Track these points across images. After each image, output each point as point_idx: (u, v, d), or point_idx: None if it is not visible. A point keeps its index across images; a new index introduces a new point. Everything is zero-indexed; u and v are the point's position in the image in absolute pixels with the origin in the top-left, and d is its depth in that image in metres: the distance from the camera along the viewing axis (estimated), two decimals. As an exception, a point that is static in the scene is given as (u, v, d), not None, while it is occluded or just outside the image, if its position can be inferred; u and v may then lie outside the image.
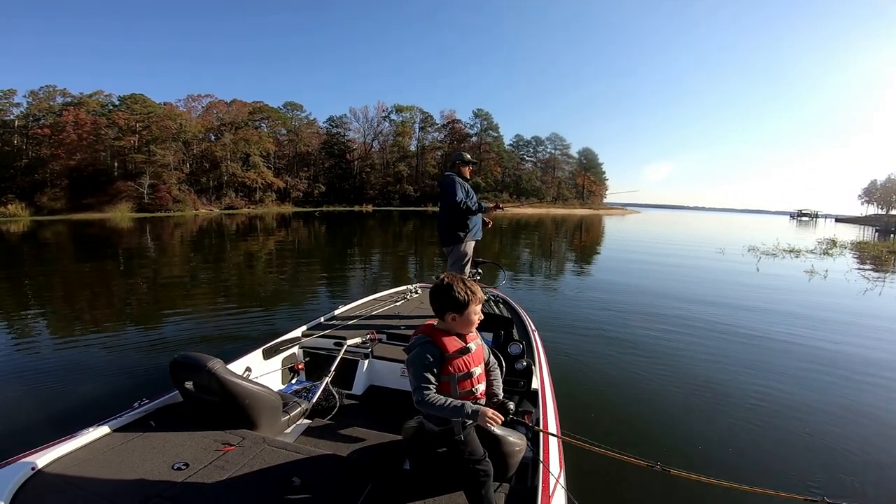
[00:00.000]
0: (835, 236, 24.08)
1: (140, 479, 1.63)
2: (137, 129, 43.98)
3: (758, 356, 5.05)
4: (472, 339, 1.67)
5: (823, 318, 6.91)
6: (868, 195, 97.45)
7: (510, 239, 18.54)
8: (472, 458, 1.55)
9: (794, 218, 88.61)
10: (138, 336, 5.54)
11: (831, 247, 19.01)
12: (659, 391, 4.06)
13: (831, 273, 11.55)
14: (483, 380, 1.69)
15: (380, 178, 60.74)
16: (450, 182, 4.06)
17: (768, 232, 30.74)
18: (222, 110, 52.28)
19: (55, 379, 4.09)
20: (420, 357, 1.56)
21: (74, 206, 37.79)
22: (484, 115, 65.98)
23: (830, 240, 21.79)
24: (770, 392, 4.09)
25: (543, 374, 2.71)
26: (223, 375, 1.95)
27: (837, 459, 3.07)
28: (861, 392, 4.18)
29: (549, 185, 70.42)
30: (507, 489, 1.70)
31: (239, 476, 1.67)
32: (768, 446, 3.19)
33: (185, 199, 42.24)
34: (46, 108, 43.74)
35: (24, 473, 1.58)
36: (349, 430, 2.37)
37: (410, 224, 31.16)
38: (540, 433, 2.00)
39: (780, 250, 16.46)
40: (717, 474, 2.70)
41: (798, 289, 9.48)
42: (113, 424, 1.95)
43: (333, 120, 61.04)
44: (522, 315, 3.89)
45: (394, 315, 3.88)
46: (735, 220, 73.88)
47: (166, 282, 9.59)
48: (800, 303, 7.94)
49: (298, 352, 3.13)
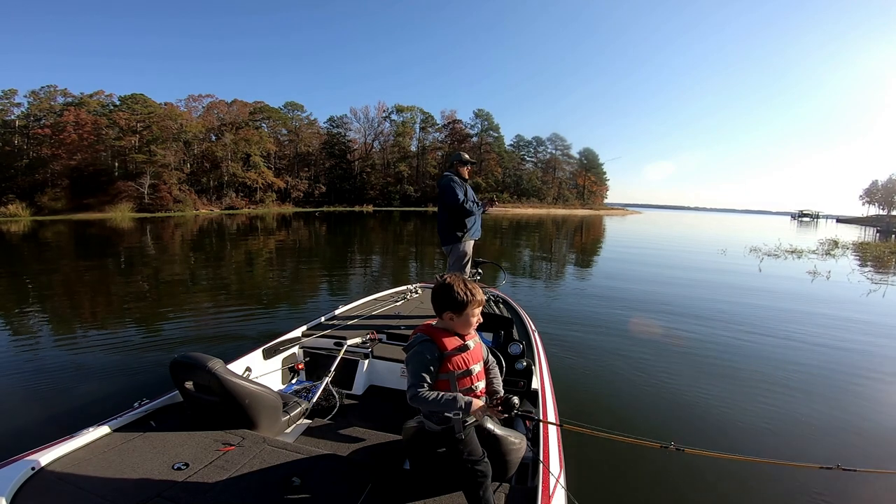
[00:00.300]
0: (836, 237, 24.07)
1: (140, 478, 1.63)
2: (138, 129, 43.96)
3: (765, 359, 5.02)
4: (471, 338, 1.68)
5: (827, 318, 6.86)
6: (869, 196, 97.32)
7: (511, 239, 18.52)
8: (470, 459, 1.55)
9: (795, 218, 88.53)
10: (138, 336, 5.54)
11: (833, 247, 18.96)
12: (660, 392, 4.05)
13: (834, 274, 11.49)
14: (482, 377, 1.70)
15: (380, 178, 60.69)
16: (448, 184, 4.11)
17: (769, 232, 30.80)
18: (223, 110, 52.28)
19: (55, 379, 4.09)
20: (418, 355, 1.58)
21: (75, 206, 37.78)
22: (485, 115, 65.96)
23: (832, 240, 21.78)
24: (775, 390, 4.08)
25: (543, 374, 2.71)
26: (223, 375, 1.95)
27: (847, 428, 3.28)
28: (868, 383, 4.28)
29: (550, 185, 70.34)
30: (507, 489, 1.69)
31: (239, 476, 1.67)
32: (776, 435, 3.25)
33: (186, 200, 42.23)
34: (47, 107, 43.75)
35: (24, 473, 1.58)
36: (349, 430, 2.36)
37: (411, 224, 31.11)
38: (540, 423, 2.01)
39: (783, 251, 16.42)
40: (717, 472, 2.78)
41: (801, 290, 9.43)
42: (113, 424, 1.95)
43: (334, 120, 61.09)
44: (522, 315, 3.89)
45: (394, 315, 3.88)
46: (736, 220, 73.85)
47: (166, 282, 9.56)
48: (802, 304, 7.90)
49: (298, 352, 3.13)
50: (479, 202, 4.25)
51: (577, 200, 72.46)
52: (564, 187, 72.76)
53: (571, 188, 74.24)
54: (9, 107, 43.26)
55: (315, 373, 3.00)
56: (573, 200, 71.97)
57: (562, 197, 71.01)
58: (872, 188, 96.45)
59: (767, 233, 31.00)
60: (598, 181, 78.22)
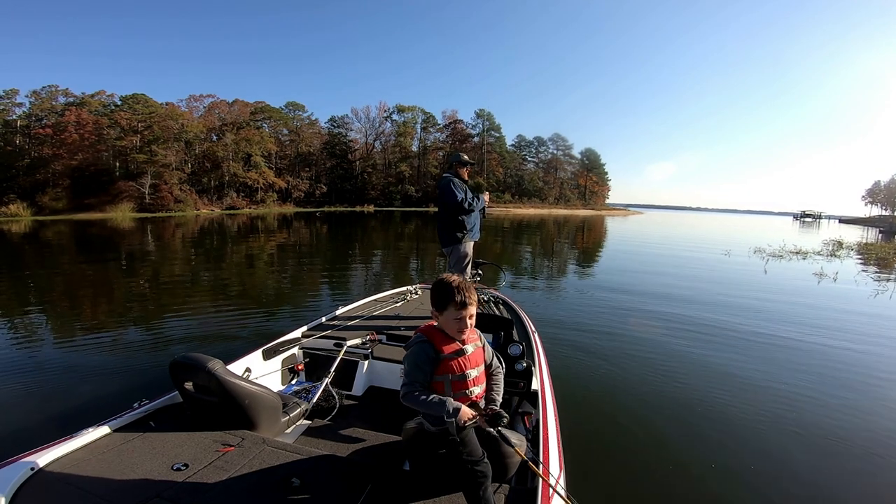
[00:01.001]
0: (841, 237, 23.95)
1: (140, 479, 1.62)
2: (139, 129, 43.97)
3: (766, 360, 4.95)
4: (472, 342, 1.67)
5: (836, 321, 6.77)
6: (872, 196, 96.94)
7: (512, 240, 18.45)
8: (470, 459, 1.54)
9: (797, 219, 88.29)
10: (138, 336, 5.51)
11: (838, 248, 18.84)
12: (661, 393, 4.01)
13: (841, 275, 11.38)
14: (481, 382, 1.68)
15: (381, 178, 60.65)
16: (448, 184, 4.13)
17: (772, 233, 30.72)
18: (224, 110, 52.30)
19: (55, 379, 4.08)
20: (414, 355, 1.60)
21: (76, 205, 37.78)
22: (486, 115, 65.90)
23: (836, 241, 21.69)
24: (777, 396, 4.00)
25: (543, 375, 2.69)
26: (223, 376, 1.94)
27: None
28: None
29: (552, 185, 70.24)
30: (506, 490, 1.68)
31: (238, 477, 1.66)
32: (777, 453, 3.07)
33: (187, 200, 42.24)
34: (49, 107, 43.79)
35: (23, 473, 1.57)
36: (349, 431, 2.36)
37: (412, 225, 31.05)
38: (540, 423, 2.04)
39: (787, 252, 16.29)
40: (716, 474, 2.74)
41: (808, 292, 9.34)
42: (113, 425, 1.95)
43: (335, 120, 61.10)
44: (522, 316, 3.88)
45: (394, 316, 3.88)
46: (738, 221, 73.65)
47: (166, 282, 9.52)
48: (809, 306, 7.81)
49: (298, 352, 3.12)
50: (478, 197, 4.26)
51: (578, 201, 72.31)
52: (566, 187, 72.63)
53: (573, 188, 74.12)
54: (10, 107, 43.35)
55: (315, 373, 2.98)
56: (575, 201, 71.83)
57: (563, 197, 70.88)
58: (875, 188, 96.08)
59: (770, 233, 30.95)
60: (600, 181, 78.10)
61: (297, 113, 57.53)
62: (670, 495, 2.58)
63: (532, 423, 2.26)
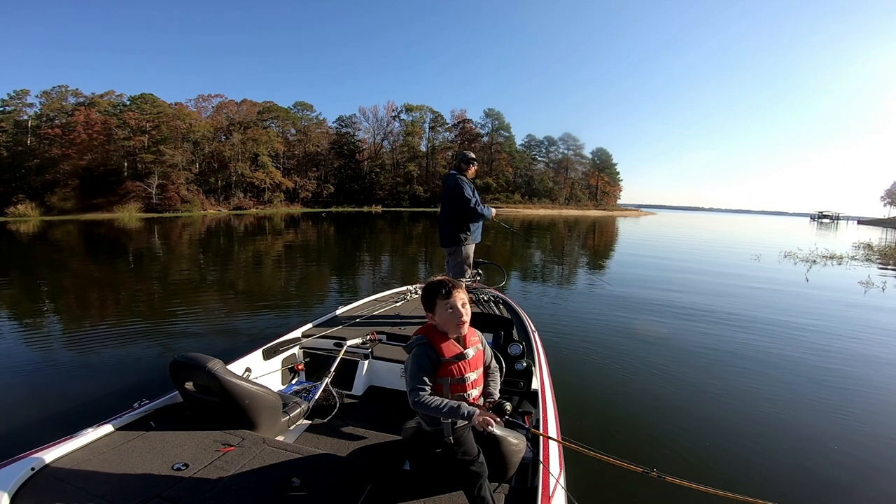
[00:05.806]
0: (869, 240, 22.95)
1: (140, 479, 1.61)
2: (147, 129, 43.99)
3: (804, 377, 4.44)
4: (473, 345, 1.64)
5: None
6: (890, 196, 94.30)
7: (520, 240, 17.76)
8: (465, 459, 1.54)
9: (814, 220, 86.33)
10: (139, 336, 5.44)
11: (870, 252, 17.81)
12: (661, 394, 3.93)
13: (890, 283, 10.48)
14: (478, 384, 1.66)
15: (390, 178, 60.18)
16: (458, 183, 4.00)
17: (793, 235, 29.80)
18: (232, 110, 52.20)
19: (56, 379, 4.08)
20: (416, 358, 1.56)
21: (84, 206, 37.74)
22: (495, 114, 65.18)
23: (866, 244, 20.70)
24: (797, 407, 3.73)
25: (543, 375, 2.68)
26: (223, 376, 1.93)
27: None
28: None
29: (562, 185, 69.19)
30: (507, 490, 1.67)
31: (239, 476, 1.65)
32: (774, 458, 3.02)
33: (194, 200, 42.13)
34: (58, 108, 43.99)
35: (24, 473, 1.57)
36: (349, 431, 2.35)
37: (420, 225, 30.47)
38: (540, 423, 2.06)
39: (819, 256, 15.31)
40: (716, 482, 2.44)
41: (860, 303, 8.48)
42: (113, 424, 1.94)
43: (343, 120, 60.79)
44: (522, 316, 3.86)
45: (394, 316, 3.88)
46: (754, 222, 72.02)
47: (169, 282, 9.31)
48: (863, 318, 7.04)
49: (298, 352, 3.12)
50: (486, 210, 4.17)
51: (589, 201, 71.22)
52: (577, 188, 71.51)
53: (584, 189, 72.95)
54: (21, 107, 43.60)
55: (315, 373, 2.99)
56: (586, 201, 70.75)
57: (574, 197, 69.81)
58: (894, 188, 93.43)
59: (791, 235, 30.11)
60: (612, 181, 76.83)
61: (304, 112, 57.31)
62: (670, 495, 2.43)
63: (532, 422, 2.24)
